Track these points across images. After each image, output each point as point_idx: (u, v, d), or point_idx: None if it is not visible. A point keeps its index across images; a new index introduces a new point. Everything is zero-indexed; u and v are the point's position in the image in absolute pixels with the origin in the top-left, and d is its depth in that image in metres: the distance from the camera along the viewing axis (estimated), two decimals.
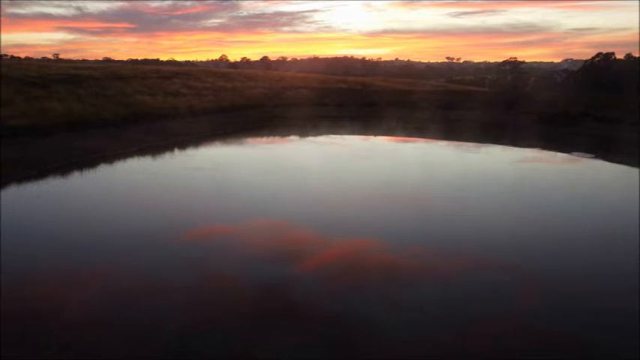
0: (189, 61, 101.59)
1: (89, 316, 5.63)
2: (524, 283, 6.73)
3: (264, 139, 20.43)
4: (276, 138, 20.75)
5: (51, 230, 8.55)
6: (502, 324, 5.65)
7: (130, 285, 6.41)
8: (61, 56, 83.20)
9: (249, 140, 19.71)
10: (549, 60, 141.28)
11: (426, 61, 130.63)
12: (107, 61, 77.18)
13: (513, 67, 76.24)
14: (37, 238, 8.08)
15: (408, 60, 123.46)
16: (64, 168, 12.67)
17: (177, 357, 4.97)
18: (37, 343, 5.06)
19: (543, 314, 5.88)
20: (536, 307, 6.03)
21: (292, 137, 20.81)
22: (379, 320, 5.68)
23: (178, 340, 5.22)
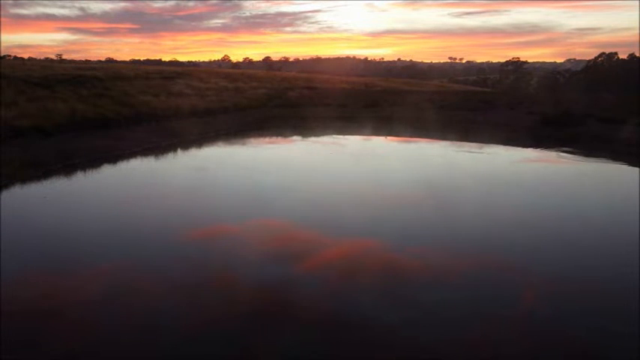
0: (191, 62, 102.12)
1: (97, 312, 5.67)
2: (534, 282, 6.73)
3: (267, 139, 20.44)
4: (279, 138, 20.75)
5: (56, 230, 8.54)
6: (508, 326, 5.65)
7: (133, 283, 6.43)
8: (64, 57, 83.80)
9: (252, 141, 19.73)
10: (552, 60, 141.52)
11: (428, 61, 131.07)
12: (110, 61, 77.45)
13: (516, 67, 76.31)
14: (41, 237, 8.10)
15: (411, 60, 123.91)
16: (68, 168, 12.70)
17: (179, 353, 4.99)
18: (45, 336, 5.09)
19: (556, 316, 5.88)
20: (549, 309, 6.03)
21: (295, 137, 20.80)
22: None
23: (183, 336, 5.23)
